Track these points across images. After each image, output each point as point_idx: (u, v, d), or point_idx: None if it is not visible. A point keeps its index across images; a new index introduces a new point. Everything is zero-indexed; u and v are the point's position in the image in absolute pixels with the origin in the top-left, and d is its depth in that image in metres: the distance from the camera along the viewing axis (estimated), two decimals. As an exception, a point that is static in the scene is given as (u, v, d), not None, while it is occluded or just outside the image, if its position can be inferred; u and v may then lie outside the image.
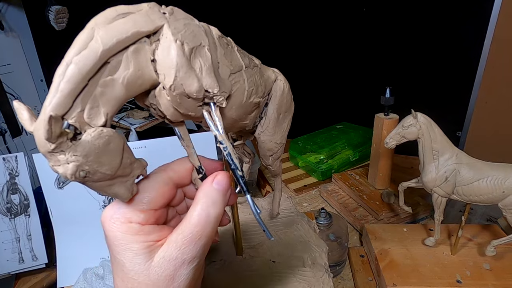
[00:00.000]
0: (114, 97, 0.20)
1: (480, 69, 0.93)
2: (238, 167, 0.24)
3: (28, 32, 1.00)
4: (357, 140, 1.03)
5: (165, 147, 0.68)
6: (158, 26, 0.21)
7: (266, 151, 0.40)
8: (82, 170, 0.18)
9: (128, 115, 1.26)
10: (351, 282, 0.64)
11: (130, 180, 0.21)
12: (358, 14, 1.09)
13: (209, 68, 0.23)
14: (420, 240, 0.64)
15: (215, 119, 0.23)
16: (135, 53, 0.20)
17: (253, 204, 0.25)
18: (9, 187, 0.67)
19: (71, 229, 0.66)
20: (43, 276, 0.70)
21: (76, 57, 0.18)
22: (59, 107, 0.18)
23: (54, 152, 0.18)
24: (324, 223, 0.63)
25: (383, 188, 0.84)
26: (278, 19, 1.21)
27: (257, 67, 0.32)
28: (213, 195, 0.25)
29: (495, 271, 0.57)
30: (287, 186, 0.95)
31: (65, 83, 0.18)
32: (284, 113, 0.39)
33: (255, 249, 0.47)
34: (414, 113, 0.57)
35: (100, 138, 0.19)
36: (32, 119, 0.18)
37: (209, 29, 0.25)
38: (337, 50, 1.17)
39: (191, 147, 0.27)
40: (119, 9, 0.20)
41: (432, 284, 0.56)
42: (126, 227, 0.24)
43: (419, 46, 1.02)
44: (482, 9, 0.88)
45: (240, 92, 0.28)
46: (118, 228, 0.24)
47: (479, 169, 0.54)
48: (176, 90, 0.21)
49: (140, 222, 0.25)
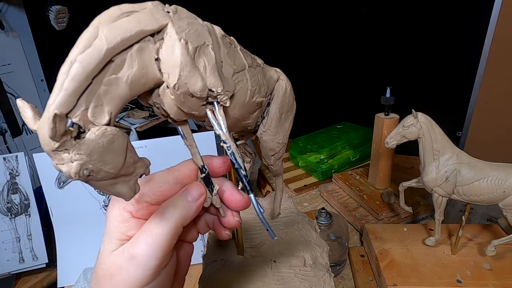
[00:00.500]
0: (118, 96, 0.20)
1: (480, 69, 0.93)
2: (242, 166, 0.24)
3: (28, 32, 1.00)
4: (358, 140, 1.03)
5: (165, 146, 0.68)
6: (162, 24, 0.21)
7: (268, 150, 0.40)
8: (86, 168, 0.18)
9: (128, 115, 1.26)
10: (351, 282, 0.64)
11: (133, 179, 0.21)
12: (358, 14, 1.09)
13: (213, 67, 0.23)
14: (421, 240, 0.64)
15: (219, 118, 0.23)
16: (139, 52, 0.20)
17: (256, 203, 0.25)
18: (9, 186, 0.67)
19: (71, 228, 0.66)
20: (43, 276, 0.70)
21: (80, 55, 0.18)
22: (63, 105, 0.18)
23: (58, 151, 0.18)
24: (325, 223, 0.63)
25: (383, 188, 0.84)
26: (279, 19, 1.21)
27: (260, 66, 0.32)
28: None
29: (495, 271, 0.57)
30: (288, 186, 0.95)
31: (69, 82, 0.18)
32: (286, 112, 0.39)
33: (256, 248, 0.47)
34: (414, 113, 0.57)
35: (104, 136, 0.19)
36: (35, 118, 0.18)
37: (212, 28, 0.25)
38: (337, 50, 1.17)
39: (194, 146, 0.27)
40: (123, 7, 0.20)
41: (433, 284, 0.56)
42: (118, 212, 0.26)
43: (419, 46, 1.02)
44: (482, 9, 0.89)
45: (243, 92, 0.28)
46: (112, 211, 0.26)
47: (480, 169, 0.54)
48: (180, 89, 0.21)
49: (131, 212, 0.26)
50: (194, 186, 0.28)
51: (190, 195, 0.27)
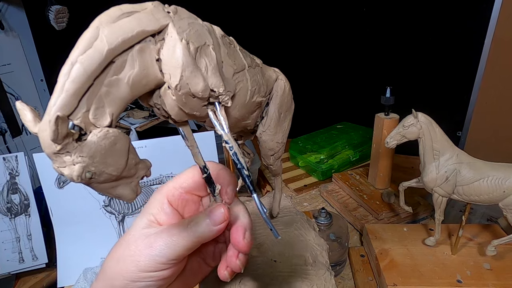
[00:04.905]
0: (119, 97, 0.20)
1: (480, 69, 0.93)
2: (245, 166, 0.24)
3: (28, 32, 1.00)
4: (358, 140, 1.03)
5: (165, 146, 0.67)
6: (163, 25, 0.21)
7: (268, 150, 0.40)
8: (88, 171, 0.18)
9: (128, 115, 1.26)
10: (351, 282, 0.64)
11: (134, 181, 0.21)
12: (358, 14, 1.09)
13: (215, 68, 0.22)
14: (421, 240, 0.64)
15: (220, 118, 0.23)
16: (140, 53, 0.20)
17: (259, 203, 0.25)
18: (9, 187, 0.67)
19: (71, 229, 0.66)
20: (43, 276, 0.69)
21: (81, 56, 0.18)
22: (64, 107, 0.17)
23: (60, 153, 0.17)
24: (325, 223, 0.63)
25: (383, 188, 0.84)
26: (278, 19, 1.21)
27: (259, 66, 0.33)
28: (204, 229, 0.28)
29: (495, 271, 0.57)
30: (287, 186, 0.95)
31: (70, 83, 0.18)
32: (285, 112, 0.39)
33: (256, 248, 0.47)
34: (414, 113, 0.57)
35: (106, 138, 0.19)
36: (36, 120, 0.18)
37: (212, 29, 0.25)
38: (337, 50, 1.17)
39: (195, 146, 0.27)
40: (123, 8, 0.20)
41: (433, 284, 0.56)
42: (159, 197, 0.30)
43: (419, 46, 1.02)
44: (482, 9, 0.89)
45: (243, 92, 0.28)
46: (157, 194, 0.30)
47: (480, 169, 0.54)
48: (181, 90, 0.21)
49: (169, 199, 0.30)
50: (218, 209, 0.28)
51: (213, 220, 0.28)
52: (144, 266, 0.27)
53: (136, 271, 0.27)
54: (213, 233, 0.28)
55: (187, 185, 0.30)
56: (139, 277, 0.27)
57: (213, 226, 0.28)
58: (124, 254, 0.28)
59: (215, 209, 0.28)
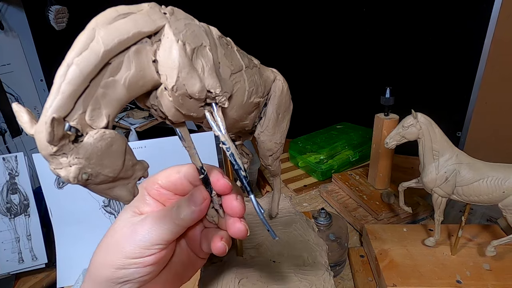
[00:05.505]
0: (115, 99, 0.20)
1: (480, 69, 0.93)
2: (242, 167, 0.24)
3: (28, 32, 1.00)
4: (357, 140, 1.03)
5: (165, 147, 0.68)
6: (159, 26, 0.21)
7: (266, 151, 0.40)
8: (84, 172, 0.18)
9: (128, 115, 1.26)
10: (351, 282, 0.64)
11: (132, 182, 0.21)
12: (358, 14, 1.09)
13: (211, 69, 0.22)
14: (420, 240, 0.64)
15: (217, 119, 0.23)
16: (137, 54, 0.20)
17: (257, 204, 0.25)
18: (9, 187, 0.67)
19: (71, 229, 0.66)
20: (42, 276, 0.70)
21: (77, 58, 0.18)
22: (60, 109, 0.17)
23: (56, 155, 0.17)
24: (324, 223, 0.62)
25: (383, 188, 0.84)
26: (277, 19, 1.21)
27: (256, 67, 0.32)
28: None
29: (495, 271, 0.57)
30: (287, 186, 0.95)
31: (66, 85, 0.18)
32: (283, 112, 0.39)
33: (255, 249, 0.47)
34: (414, 113, 0.57)
35: (103, 140, 0.19)
36: (32, 122, 0.18)
37: (209, 29, 0.25)
38: (337, 50, 1.17)
39: (193, 147, 0.27)
40: (119, 9, 0.20)
41: (432, 284, 0.56)
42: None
43: (419, 46, 1.02)
44: (482, 9, 0.89)
45: (241, 92, 0.28)
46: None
47: (479, 170, 0.54)
48: (178, 91, 0.21)
49: (146, 188, 0.31)
50: (197, 191, 0.29)
51: (193, 201, 0.28)
52: (129, 252, 0.27)
53: (121, 258, 0.27)
54: (196, 214, 0.28)
55: (162, 183, 0.31)
56: (125, 264, 0.27)
57: (194, 207, 0.28)
58: (109, 242, 0.29)
59: (195, 191, 0.29)
